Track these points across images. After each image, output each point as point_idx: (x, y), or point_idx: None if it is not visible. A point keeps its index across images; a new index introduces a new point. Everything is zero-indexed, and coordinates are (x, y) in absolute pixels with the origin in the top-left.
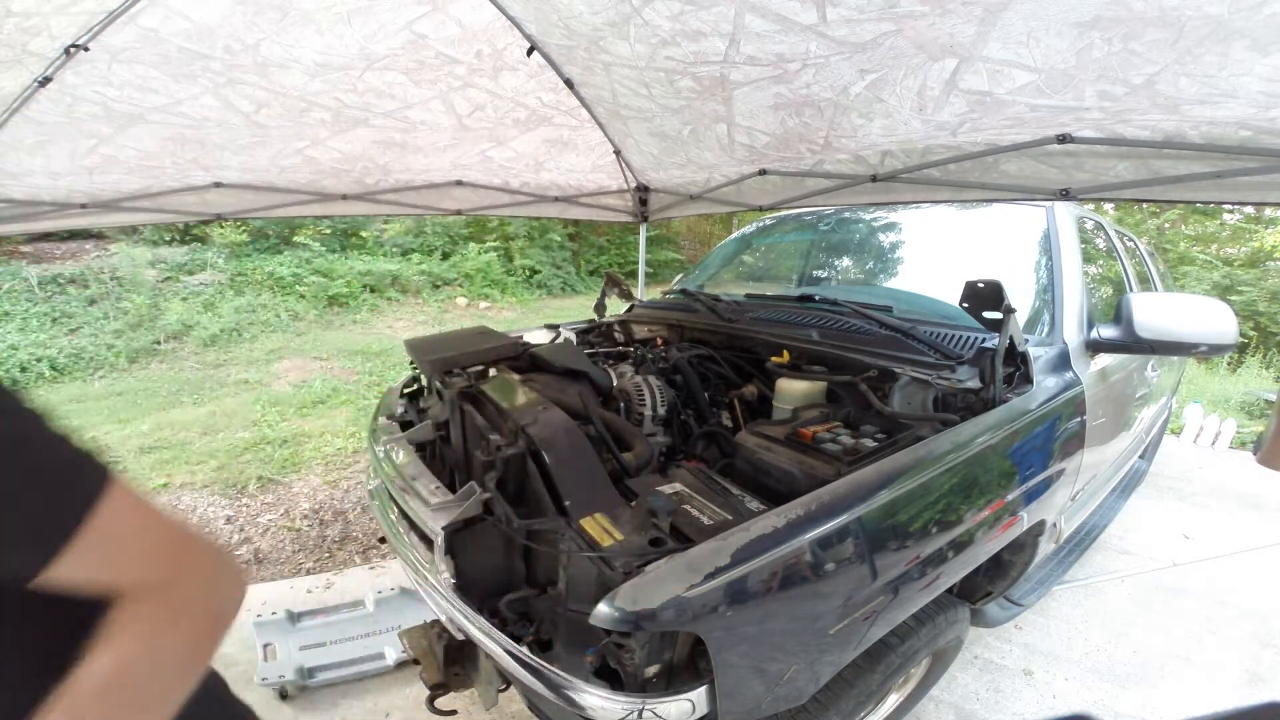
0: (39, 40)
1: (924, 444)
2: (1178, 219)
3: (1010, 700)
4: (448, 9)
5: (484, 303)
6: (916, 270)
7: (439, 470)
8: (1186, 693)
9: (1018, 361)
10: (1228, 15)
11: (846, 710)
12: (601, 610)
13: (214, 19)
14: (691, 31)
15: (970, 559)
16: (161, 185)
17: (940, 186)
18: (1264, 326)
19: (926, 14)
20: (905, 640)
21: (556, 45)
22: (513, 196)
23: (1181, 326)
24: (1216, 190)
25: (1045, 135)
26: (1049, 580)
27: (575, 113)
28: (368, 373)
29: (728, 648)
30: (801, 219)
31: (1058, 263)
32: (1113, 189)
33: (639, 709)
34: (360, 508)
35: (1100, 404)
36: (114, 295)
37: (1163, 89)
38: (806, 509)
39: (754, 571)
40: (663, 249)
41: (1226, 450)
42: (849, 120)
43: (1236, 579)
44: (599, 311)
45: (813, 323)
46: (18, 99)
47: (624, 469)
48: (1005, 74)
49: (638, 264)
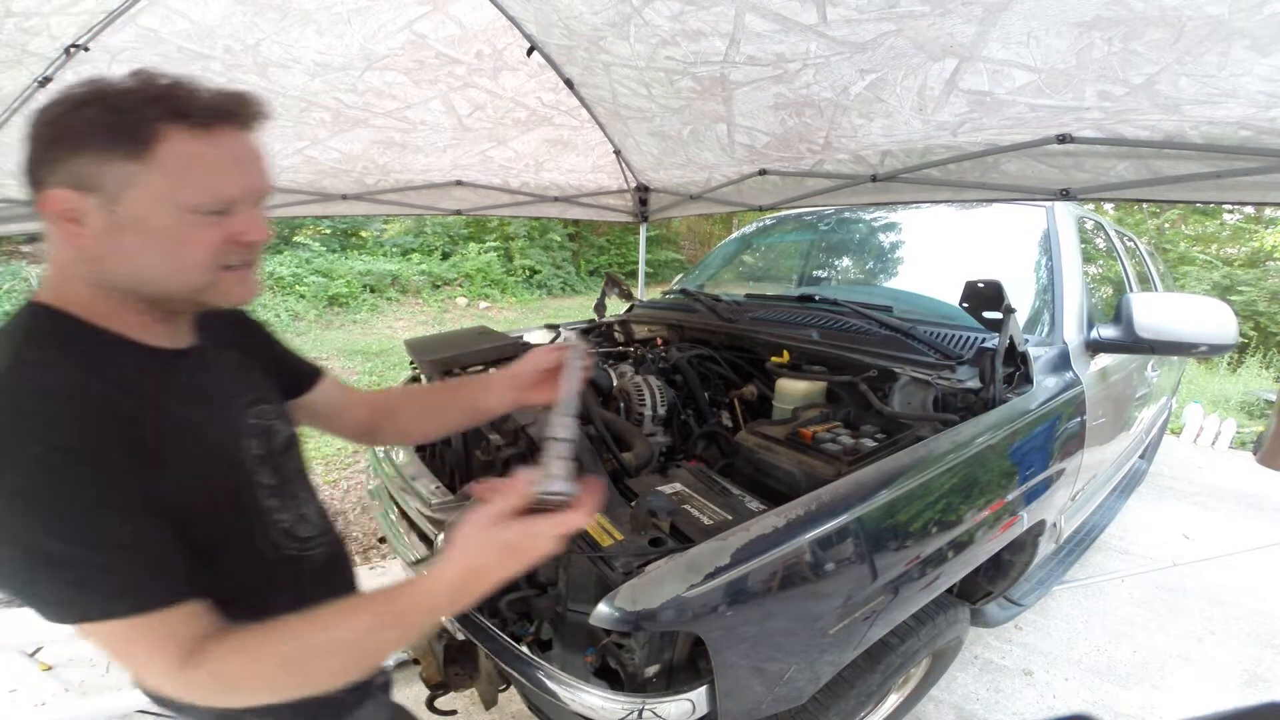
0: (39, 40)
1: (924, 444)
2: (1178, 219)
3: (1010, 700)
4: (448, 9)
5: (484, 303)
6: (916, 270)
7: (439, 470)
8: (1186, 693)
9: (1018, 361)
10: (1228, 15)
11: (846, 710)
12: (601, 610)
13: (214, 19)
14: (691, 31)
15: (970, 559)
16: None
17: (940, 186)
18: (1264, 326)
19: (926, 14)
20: (905, 640)
21: (556, 45)
22: (513, 196)
23: (1181, 326)
24: (1216, 190)
25: (1045, 135)
26: (1049, 580)
27: (575, 113)
28: (368, 373)
29: (728, 648)
30: (801, 219)
31: (1058, 263)
32: (1113, 189)
33: (639, 709)
34: (360, 508)
35: (1100, 404)
36: None
37: (1163, 89)
38: (806, 509)
39: (754, 571)
40: (663, 249)
41: (1226, 450)
42: (849, 120)
43: (1236, 579)
44: (599, 311)
45: (813, 323)
46: (18, 99)
47: (624, 469)
48: (1005, 74)
49: (638, 264)
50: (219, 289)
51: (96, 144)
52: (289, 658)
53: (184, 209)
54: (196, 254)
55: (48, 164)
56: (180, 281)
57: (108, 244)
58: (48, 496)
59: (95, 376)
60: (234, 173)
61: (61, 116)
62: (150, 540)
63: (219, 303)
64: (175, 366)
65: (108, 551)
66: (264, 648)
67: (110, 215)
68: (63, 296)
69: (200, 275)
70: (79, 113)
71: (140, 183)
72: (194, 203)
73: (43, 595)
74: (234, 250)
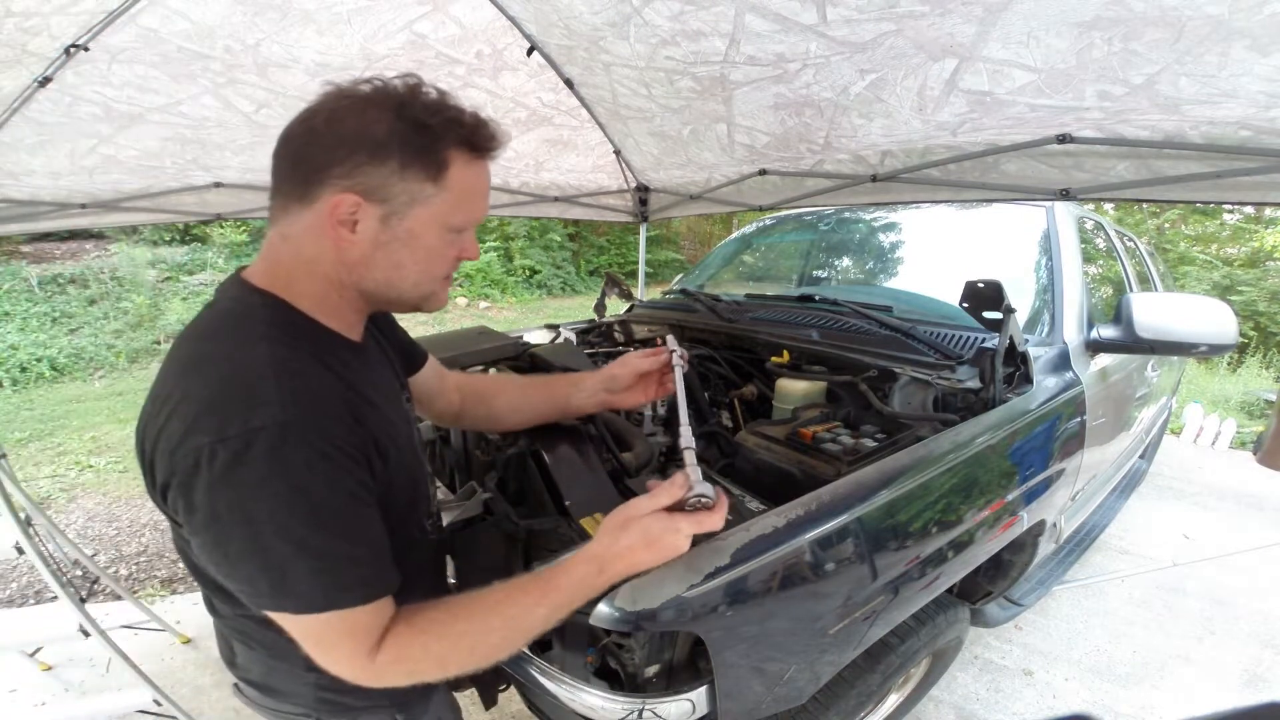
0: (39, 40)
1: (924, 444)
2: (1178, 219)
3: (1010, 700)
4: (448, 9)
5: (484, 303)
6: (916, 270)
7: (439, 470)
8: (1186, 693)
9: (1018, 361)
10: (1228, 15)
11: (846, 710)
12: (601, 610)
13: (214, 19)
14: (691, 31)
15: (970, 559)
16: (161, 185)
17: (940, 186)
18: (1264, 326)
19: (926, 14)
20: (905, 640)
21: (556, 45)
22: (513, 196)
23: (1181, 326)
24: (1216, 190)
25: (1045, 135)
26: (1049, 580)
27: (575, 113)
28: None
29: (728, 648)
30: (801, 219)
31: (1058, 263)
32: (1113, 189)
33: (639, 709)
34: None
35: (1100, 404)
36: (114, 295)
37: (1163, 89)
38: (806, 509)
39: (754, 571)
40: (663, 249)
41: (1226, 450)
42: (849, 120)
43: (1236, 579)
44: (599, 311)
45: (813, 323)
46: (18, 99)
47: (624, 469)
48: (1005, 74)
49: (638, 264)
50: (436, 296)
51: (399, 158)
52: (463, 635)
53: (449, 229)
54: (442, 268)
55: (336, 165)
56: (420, 290)
57: (376, 253)
58: (319, 490)
59: (336, 376)
60: (483, 200)
61: (351, 116)
62: (378, 532)
63: (429, 308)
64: (367, 360)
65: (355, 543)
66: (442, 627)
67: (389, 228)
68: (290, 288)
69: (434, 285)
70: (371, 116)
71: (428, 203)
72: (459, 225)
73: (290, 586)
74: (454, 264)
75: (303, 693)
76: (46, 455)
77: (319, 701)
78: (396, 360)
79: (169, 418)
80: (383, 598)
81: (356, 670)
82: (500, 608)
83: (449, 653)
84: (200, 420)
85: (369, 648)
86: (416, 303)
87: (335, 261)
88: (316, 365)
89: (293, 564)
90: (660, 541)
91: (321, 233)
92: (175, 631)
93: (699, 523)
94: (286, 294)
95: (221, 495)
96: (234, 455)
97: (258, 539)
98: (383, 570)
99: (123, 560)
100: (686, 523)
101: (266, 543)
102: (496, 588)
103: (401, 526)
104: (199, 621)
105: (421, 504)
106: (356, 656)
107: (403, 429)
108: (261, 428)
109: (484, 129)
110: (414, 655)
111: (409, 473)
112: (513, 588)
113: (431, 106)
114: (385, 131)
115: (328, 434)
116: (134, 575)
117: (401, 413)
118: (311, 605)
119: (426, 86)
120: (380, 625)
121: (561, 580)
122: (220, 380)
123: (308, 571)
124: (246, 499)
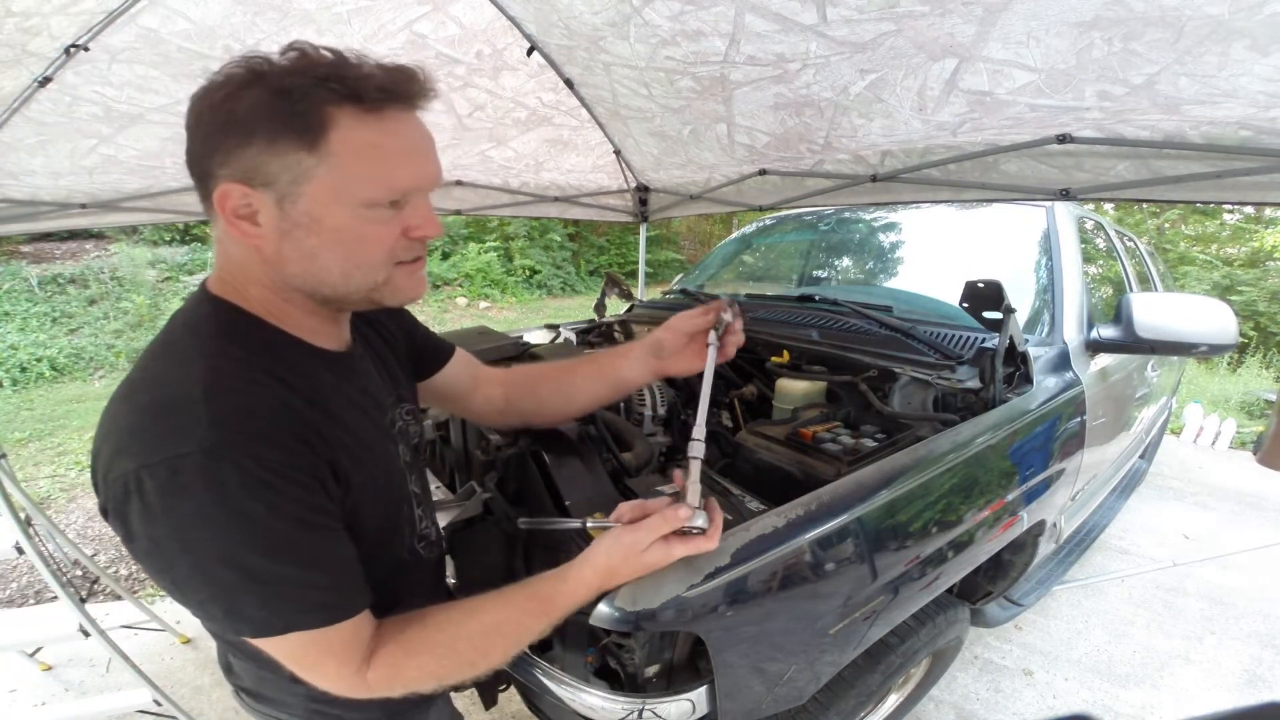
0: (39, 40)
1: (924, 444)
2: (1178, 219)
3: (1010, 700)
4: (448, 9)
5: (484, 303)
6: (916, 270)
7: (439, 470)
8: (1186, 693)
9: (1018, 361)
10: (1228, 15)
11: (846, 710)
12: (601, 610)
13: (214, 19)
14: (691, 31)
15: (970, 559)
16: (161, 185)
17: (940, 186)
18: (1264, 326)
19: (926, 14)
20: (905, 640)
21: (556, 45)
22: (513, 196)
23: (1181, 326)
24: (1216, 190)
25: (1045, 135)
26: (1049, 580)
27: (575, 113)
28: None
29: (728, 648)
30: (801, 219)
31: (1058, 263)
32: (1113, 189)
33: (639, 709)
34: None
35: (1100, 404)
36: (114, 295)
37: (1163, 89)
38: (806, 509)
39: (754, 571)
40: (663, 249)
41: (1226, 450)
42: (849, 120)
43: (1236, 579)
44: (599, 311)
45: (813, 323)
46: (18, 99)
47: (624, 469)
48: (1005, 74)
49: (638, 264)
50: (392, 287)
51: (266, 131)
52: (447, 645)
53: (360, 204)
54: (374, 253)
55: (214, 155)
56: (358, 282)
57: (285, 246)
58: (261, 516)
59: (290, 390)
60: (407, 161)
61: (225, 101)
62: (341, 554)
63: (391, 301)
64: (345, 372)
65: (308, 568)
66: (426, 638)
67: (285, 214)
68: (244, 293)
69: (376, 274)
70: (243, 95)
71: (314, 176)
72: (370, 197)
73: (241, 611)
74: (407, 245)
75: (293, 702)
76: (46, 455)
77: (311, 712)
78: (403, 365)
79: (103, 440)
80: (351, 619)
81: (348, 686)
82: (481, 615)
83: (437, 662)
84: (126, 445)
85: (356, 664)
86: (367, 295)
87: (259, 261)
88: (263, 381)
89: (240, 591)
90: (652, 565)
91: (231, 234)
92: (175, 631)
93: (695, 547)
94: (243, 300)
95: (159, 524)
96: (162, 483)
97: (200, 566)
98: (348, 592)
99: (123, 560)
100: (681, 548)
101: (211, 571)
102: (477, 599)
103: (381, 550)
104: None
105: (405, 527)
106: (344, 673)
107: (380, 449)
108: (188, 454)
109: (374, 77)
110: (401, 667)
111: (383, 496)
112: (494, 598)
113: (293, 67)
114: (247, 105)
115: (261, 458)
116: (134, 575)
117: (382, 429)
118: (269, 628)
119: (310, 49)
120: (361, 641)
121: (556, 593)
122: (149, 404)
123: (259, 598)
124: (182, 528)
